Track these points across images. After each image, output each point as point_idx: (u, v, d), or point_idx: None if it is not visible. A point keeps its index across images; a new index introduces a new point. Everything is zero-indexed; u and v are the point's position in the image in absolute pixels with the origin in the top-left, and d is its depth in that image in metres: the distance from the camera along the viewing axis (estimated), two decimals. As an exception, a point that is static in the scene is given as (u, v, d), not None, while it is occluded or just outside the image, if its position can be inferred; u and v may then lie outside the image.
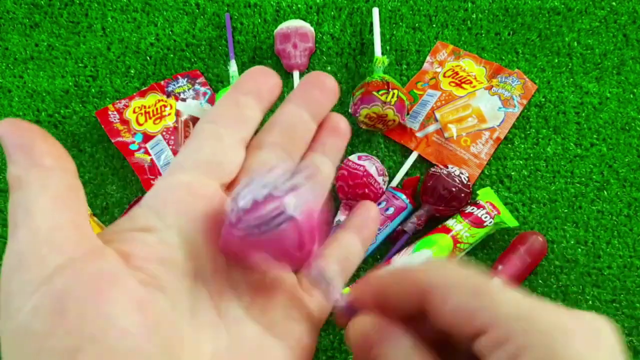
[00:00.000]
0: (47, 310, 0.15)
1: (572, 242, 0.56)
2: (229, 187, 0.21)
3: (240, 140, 0.22)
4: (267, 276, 0.21)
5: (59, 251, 0.16)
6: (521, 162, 0.59)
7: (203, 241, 0.19)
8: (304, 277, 0.21)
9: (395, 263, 0.52)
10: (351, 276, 0.25)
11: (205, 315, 0.18)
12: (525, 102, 0.60)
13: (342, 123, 0.25)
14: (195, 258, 0.19)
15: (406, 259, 0.52)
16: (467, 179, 0.54)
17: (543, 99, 0.61)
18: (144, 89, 0.62)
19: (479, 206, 0.54)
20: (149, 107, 0.61)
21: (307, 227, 0.18)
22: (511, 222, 0.54)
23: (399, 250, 0.53)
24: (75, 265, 0.16)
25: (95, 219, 0.54)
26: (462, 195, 0.53)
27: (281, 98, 0.23)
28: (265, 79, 0.23)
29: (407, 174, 0.58)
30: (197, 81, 0.63)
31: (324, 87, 0.23)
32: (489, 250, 0.55)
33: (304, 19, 0.63)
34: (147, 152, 0.58)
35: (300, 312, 0.21)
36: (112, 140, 0.58)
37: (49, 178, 0.17)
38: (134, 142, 0.59)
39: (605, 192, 0.57)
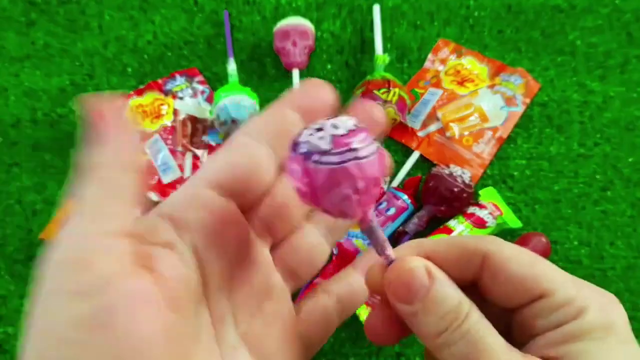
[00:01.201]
0: (89, 323, 0.15)
1: (576, 243, 0.55)
2: (250, 208, 0.20)
3: (272, 159, 0.20)
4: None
5: (108, 263, 0.16)
6: (524, 161, 0.58)
7: (213, 261, 0.19)
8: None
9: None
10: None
11: (207, 342, 0.18)
12: (528, 101, 0.59)
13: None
14: (205, 279, 0.19)
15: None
16: (469, 179, 0.53)
17: (546, 98, 0.61)
18: (141, 87, 0.61)
19: (481, 206, 0.53)
20: (146, 106, 0.60)
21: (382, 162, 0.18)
22: (514, 222, 0.53)
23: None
24: (120, 281, 0.16)
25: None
26: (464, 195, 0.52)
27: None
28: (321, 95, 0.21)
29: (408, 174, 0.58)
30: (195, 79, 0.62)
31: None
32: (491, 252, 0.55)
33: (304, 17, 0.62)
34: (144, 152, 0.58)
35: (295, 344, 0.21)
36: (109, 140, 0.58)
37: (111, 180, 0.17)
38: (131, 142, 0.58)
39: (609, 192, 0.57)
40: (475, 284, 0.19)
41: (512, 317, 0.19)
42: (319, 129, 0.17)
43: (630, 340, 0.18)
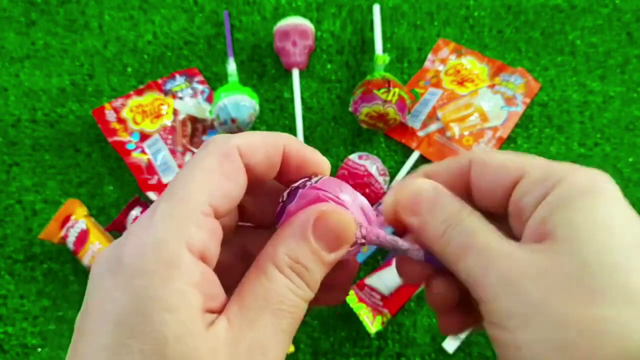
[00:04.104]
0: None
1: (576, 243, 0.55)
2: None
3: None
4: None
5: (176, 319, 0.15)
6: (524, 161, 0.58)
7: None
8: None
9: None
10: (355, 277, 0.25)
11: None
12: (528, 100, 0.59)
13: None
14: None
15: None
16: (469, 179, 0.53)
17: (546, 98, 0.61)
18: (141, 87, 0.61)
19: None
20: (146, 106, 0.60)
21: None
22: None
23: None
24: (186, 340, 0.15)
25: (92, 219, 0.54)
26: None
27: (281, 97, 0.22)
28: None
29: (408, 173, 0.58)
30: (195, 79, 0.62)
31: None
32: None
33: (304, 16, 0.62)
34: (143, 152, 0.58)
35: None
36: (109, 140, 0.58)
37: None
38: (130, 142, 0.58)
39: (610, 192, 0.56)
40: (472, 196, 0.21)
41: (506, 218, 0.20)
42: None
43: (617, 198, 0.18)
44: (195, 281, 0.16)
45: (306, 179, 0.21)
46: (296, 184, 0.21)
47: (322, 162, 0.22)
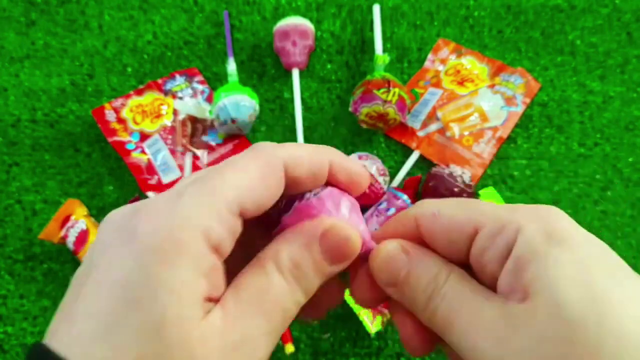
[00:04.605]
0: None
1: (576, 243, 0.55)
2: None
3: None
4: None
5: (179, 302, 0.16)
6: (524, 161, 0.58)
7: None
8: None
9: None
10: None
11: None
12: (528, 100, 0.59)
13: None
14: None
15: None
16: (469, 178, 0.53)
17: (546, 98, 0.61)
18: (141, 87, 0.61)
19: (481, 206, 0.53)
20: (146, 106, 0.60)
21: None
22: (514, 222, 0.53)
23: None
24: (183, 324, 0.16)
25: (92, 219, 0.54)
26: (464, 195, 0.52)
27: (281, 97, 0.22)
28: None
29: (408, 173, 0.58)
30: (195, 79, 0.62)
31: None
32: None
33: (304, 16, 0.62)
34: (143, 152, 0.58)
35: None
36: (109, 140, 0.58)
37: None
38: (130, 142, 0.58)
39: (609, 192, 0.57)
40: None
41: (475, 270, 0.19)
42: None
43: (577, 245, 0.17)
44: (204, 270, 0.16)
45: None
46: (294, 194, 0.21)
47: (364, 179, 0.22)
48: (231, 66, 0.59)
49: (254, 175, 0.18)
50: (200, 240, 0.16)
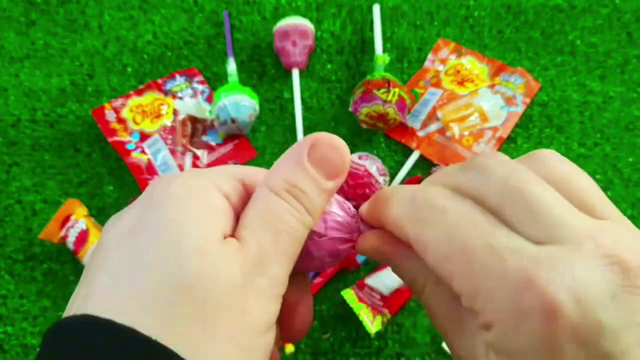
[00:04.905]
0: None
1: (576, 243, 0.55)
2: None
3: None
4: None
5: (197, 233, 0.17)
6: (524, 161, 0.58)
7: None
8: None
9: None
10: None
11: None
12: (528, 100, 0.59)
13: None
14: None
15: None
16: (469, 179, 0.53)
17: (546, 98, 0.61)
18: (141, 87, 0.61)
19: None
20: (146, 106, 0.60)
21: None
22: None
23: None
24: (206, 250, 0.17)
25: (92, 219, 0.54)
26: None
27: (281, 97, 0.22)
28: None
29: (408, 173, 0.58)
30: (195, 79, 0.62)
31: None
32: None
33: (304, 16, 0.62)
34: (143, 152, 0.58)
35: None
36: (109, 140, 0.58)
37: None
38: (130, 142, 0.58)
39: (609, 192, 0.56)
40: None
41: None
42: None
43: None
44: (218, 209, 0.18)
45: None
46: None
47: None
48: (231, 66, 0.59)
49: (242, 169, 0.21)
50: (212, 187, 0.18)
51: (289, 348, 0.48)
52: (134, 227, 0.17)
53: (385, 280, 0.50)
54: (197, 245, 0.16)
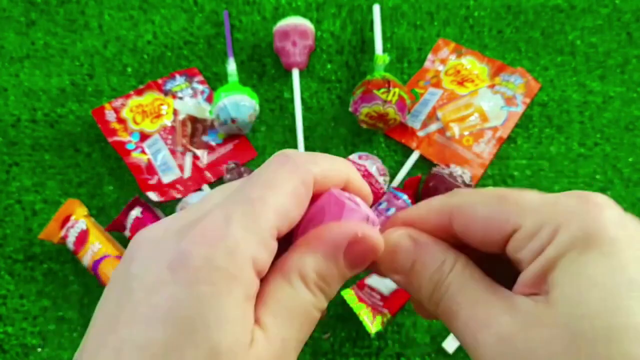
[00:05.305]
0: None
1: (576, 243, 0.55)
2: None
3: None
4: None
5: (233, 330, 0.16)
6: (524, 161, 0.58)
7: None
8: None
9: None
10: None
11: None
12: (528, 100, 0.59)
13: None
14: None
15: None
16: (469, 179, 0.53)
17: (546, 98, 0.61)
18: (141, 87, 0.61)
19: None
20: (146, 106, 0.60)
21: None
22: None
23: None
24: (237, 352, 0.16)
25: (92, 219, 0.54)
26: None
27: (281, 97, 0.22)
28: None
29: (408, 173, 0.58)
30: (195, 79, 0.62)
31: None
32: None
33: (304, 16, 0.62)
34: (143, 152, 0.58)
35: None
36: (109, 140, 0.58)
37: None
38: (130, 142, 0.58)
39: (609, 192, 0.56)
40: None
41: (502, 259, 0.19)
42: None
43: (616, 250, 0.15)
44: (252, 295, 0.17)
45: None
46: None
47: (369, 199, 0.22)
48: (231, 66, 0.59)
49: (291, 197, 0.18)
50: (249, 269, 0.16)
51: None
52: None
53: (385, 280, 0.50)
54: (232, 347, 0.15)
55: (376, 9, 0.62)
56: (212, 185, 0.58)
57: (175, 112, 0.59)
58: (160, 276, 0.16)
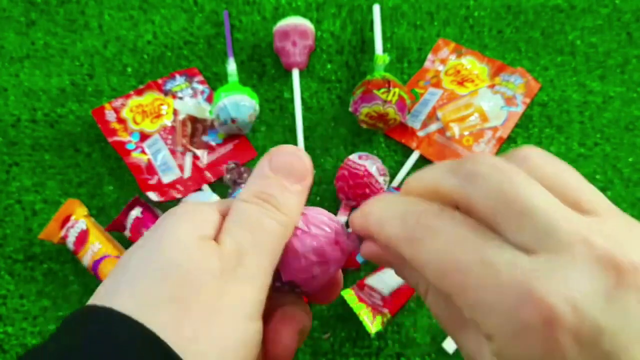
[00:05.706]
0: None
1: (576, 243, 0.55)
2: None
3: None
4: None
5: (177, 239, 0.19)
6: (524, 161, 0.58)
7: None
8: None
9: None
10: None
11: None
12: (528, 100, 0.59)
13: None
14: None
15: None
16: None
17: (546, 98, 0.61)
18: (141, 87, 0.61)
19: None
20: (146, 106, 0.60)
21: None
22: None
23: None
24: (184, 248, 0.18)
25: (92, 219, 0.54)
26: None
27: (281, 97, 0.23)
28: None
29: (408, 173, 0.58)
30: (195, 79, 0.62)
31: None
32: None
33: (304, 16, 0.62)
34: (143, 152, 0.58)
35: None
36: (109, 140, 0.58)
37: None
38: (130, 142, 0.58)
39: (609, 192, 0.57)
40: None
41: None
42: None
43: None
44: (206, 218, 0.20)
45: None
46: None
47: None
48: (231, 66, 0.59)
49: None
50: (205, 205, 0.20)
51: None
52: (144, 237, 0.20)
53: (386, 280, 0.50)
54: (177, 239, 0.18)
55: (376, 9, 0.62)
56: (212, 185, 0.58)
57: (175, 112, 0.59)
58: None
